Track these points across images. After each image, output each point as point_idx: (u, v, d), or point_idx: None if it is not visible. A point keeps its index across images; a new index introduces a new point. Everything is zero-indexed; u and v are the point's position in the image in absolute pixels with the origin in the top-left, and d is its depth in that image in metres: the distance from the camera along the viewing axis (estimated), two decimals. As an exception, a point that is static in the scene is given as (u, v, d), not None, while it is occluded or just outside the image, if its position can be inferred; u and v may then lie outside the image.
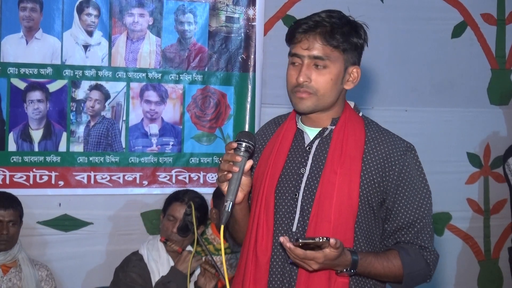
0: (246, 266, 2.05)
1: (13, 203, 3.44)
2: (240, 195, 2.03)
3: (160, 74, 4.00)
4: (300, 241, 1.81)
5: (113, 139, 3.92)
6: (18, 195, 3.54)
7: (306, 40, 1.99)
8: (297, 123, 2.11)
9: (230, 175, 1.94)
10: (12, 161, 3.76)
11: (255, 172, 2.14)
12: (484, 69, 4.65)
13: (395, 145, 2.02)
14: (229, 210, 1.91)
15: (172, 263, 3.34)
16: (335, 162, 1.99)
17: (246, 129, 4.08)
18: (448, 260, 4.59)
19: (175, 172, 4.03)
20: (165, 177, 4.01)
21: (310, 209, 1.99)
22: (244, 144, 1.95)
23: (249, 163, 1.97)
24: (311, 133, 2.08)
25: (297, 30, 2.01)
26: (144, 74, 3.97)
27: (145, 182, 3.98)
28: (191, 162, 4.04)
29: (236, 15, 4.12)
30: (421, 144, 4.37)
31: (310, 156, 2.04)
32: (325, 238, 1.80)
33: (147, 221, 3.99)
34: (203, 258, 3.32)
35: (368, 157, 2.01)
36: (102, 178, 3.91)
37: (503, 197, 4.71)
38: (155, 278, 3.31)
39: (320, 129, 2.07)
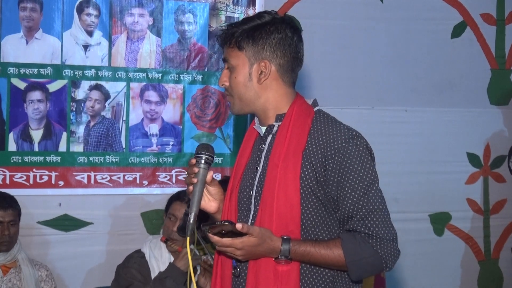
0: (218, 263, 2.12)
1: (12, 203, 3.44)
2: (214, 205, 2.12)
3: (160, 74, 4.00)
4: (203, 227, 1.89)
5: (113, 139, 3.92)
6: (18, 195, 3.55)
7: (223, 46, 2.11)
8: (255, 124, 2.16)
9: (191, 187, 2.01)
10: (12, 161, 3.76)
11: None
12: (484, 69, 4.64)
13: (337, 134, 1.99)
14: (192, 222, 1.97)
15: (173, 262, 3.35)
16: (276, 157, 2.01)
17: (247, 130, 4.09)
18: (448, 260, 4.59)
19: (175, 172, 4.03)
20: (165, 177, 4.01)
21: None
22: (203, 156, 2.02)
23: (210, 174, 2.04)
24: (263, 131, 2.12)
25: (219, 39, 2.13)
26: (144, 74, 3.97)
27: (145, 182, 3.98)
28: (191, 162, 4.04)
29: (236, 15, 4.12)
30: (421, 144, 4.50)
31: (263, 154, 2.08)
32: (226, 222, 1.87)
33: (147, 221, 3.99)
34: (202, 258, 3.32)
35: (310, 148, 2.00)
36: (102, 178, 3.91)
37: (503, 197, 4.71)
38: (155, 275, 3.31)
39: (267, 126, 2.10)
